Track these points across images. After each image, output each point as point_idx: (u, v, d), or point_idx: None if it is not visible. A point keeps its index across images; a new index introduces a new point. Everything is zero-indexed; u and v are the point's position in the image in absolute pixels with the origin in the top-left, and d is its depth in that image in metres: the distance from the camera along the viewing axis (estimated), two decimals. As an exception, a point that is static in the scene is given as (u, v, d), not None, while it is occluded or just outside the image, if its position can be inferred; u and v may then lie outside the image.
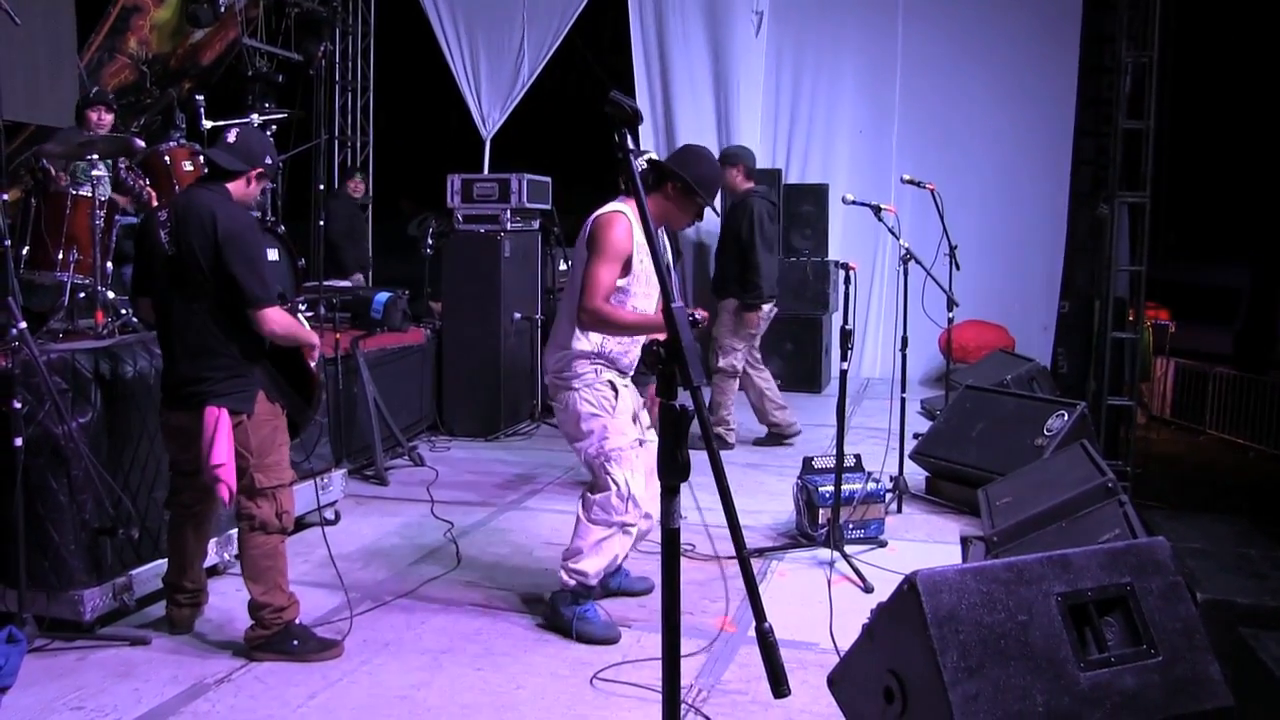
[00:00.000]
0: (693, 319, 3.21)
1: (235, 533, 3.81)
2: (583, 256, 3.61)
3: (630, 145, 1.91)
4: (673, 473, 1.85)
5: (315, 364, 3.61)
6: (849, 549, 4.43)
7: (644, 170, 3.67)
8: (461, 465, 6.29)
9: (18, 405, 3.35)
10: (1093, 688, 2.23)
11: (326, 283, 6.35)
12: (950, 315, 5.68)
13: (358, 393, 5.81)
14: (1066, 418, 5.14)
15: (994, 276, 9.11)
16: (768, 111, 9.84)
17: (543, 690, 3.25)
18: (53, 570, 3.52)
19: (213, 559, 3.99)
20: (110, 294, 4.44)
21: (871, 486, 4.71)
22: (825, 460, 4.76)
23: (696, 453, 1.82)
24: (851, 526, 4.61)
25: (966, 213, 8.16)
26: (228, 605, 3.82)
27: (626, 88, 9.68)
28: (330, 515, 5.00)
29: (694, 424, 1.85)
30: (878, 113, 9.73)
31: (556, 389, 3.71)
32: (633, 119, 1.90)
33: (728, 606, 3.93)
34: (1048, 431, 5.13)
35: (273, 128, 5.58)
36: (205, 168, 3.50)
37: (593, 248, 3.56)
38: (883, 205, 5.31)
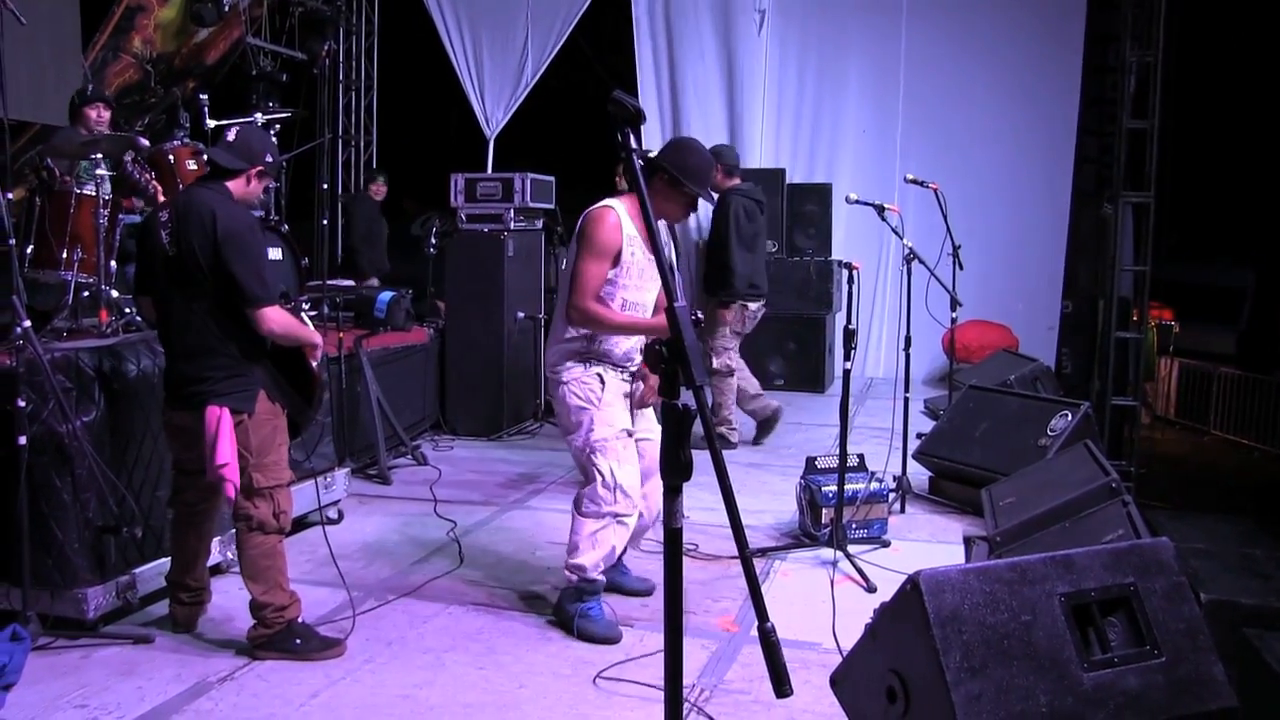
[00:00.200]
0: (696, 318, 3.21)
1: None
2: (575, 252, 3.65)
3: (633, 144, 1.92)
4: (675, 472, 1.85)
5: (318, 364, 3.61)
6: (852, 549, 4.42)
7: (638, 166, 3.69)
8: (464, 464, 6.29)
9: (22, 404, 3.36)
10: (1096, 688, 2.23)
11: (330, 281, 6.35)
12: (954, 315, 5.67)
13: (361, 392, 5.81)
14: (1070, 418, 5.13)
15: (997, 276, 9.10)
16: (771, 111, 9.84)
17: (545, 689, 3.25)
18: (57, 568, 3.53)
19: (216, 557, 4.00)
20: (114, 293, 4.45)
21: (875, 486, 4.71)
22: (828, 460, 4.76)
23: (699, 452, 1.82)
24: (854, 526, 4.61)
25: (970, 212, 8.13)
26: (231, 603, 3.82)
27: (629, 87, 9.68)
28: (334, 514, 5.01)
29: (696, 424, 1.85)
30: (881, 112, 9.72)
31: (552, 384, 3.76)
32: (635, 118, 1.90)
33: (731, 606, 3.94)
34: (1051, 431, 5.13)
35: (276, 127, 5.59)
36: (207, 167, 3.50)
37: (580, 244, 3.61)
38: (886, 205, 5.30)
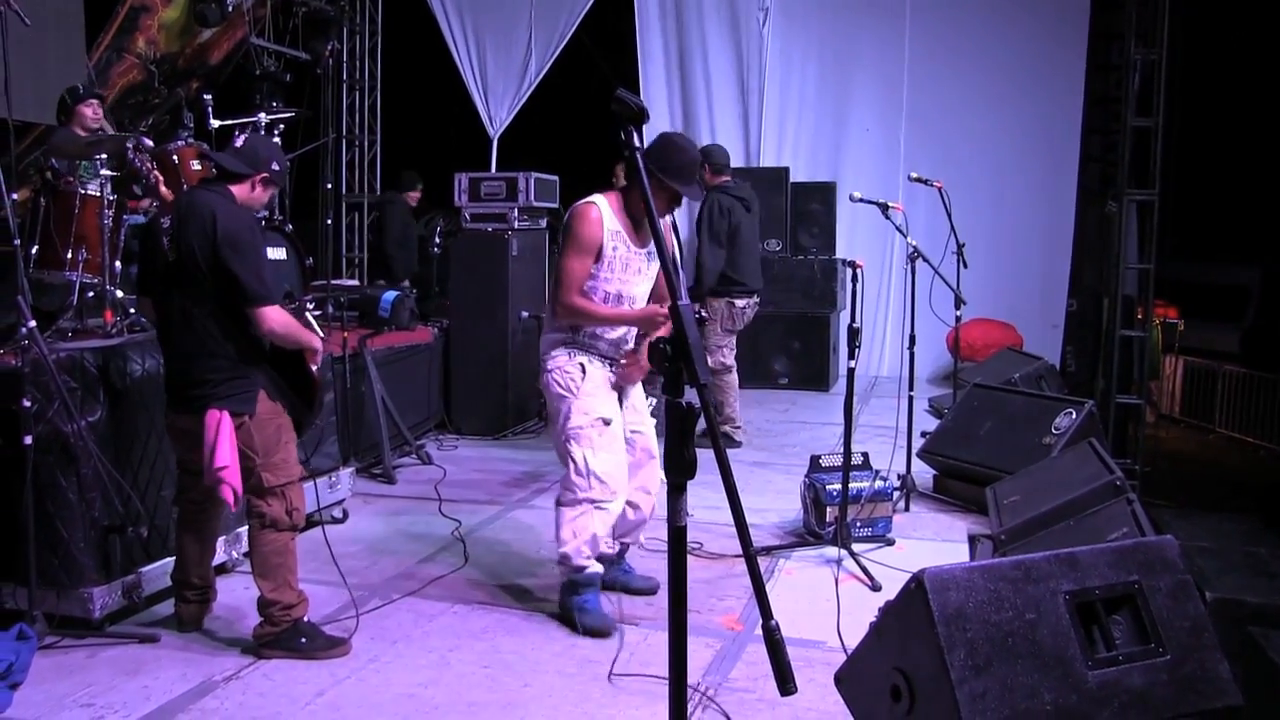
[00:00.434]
0: (700, 316, 3.22)
1: (243, 530, 3.83)
2: (560, 248, 3.74)
3: (636, 143, 1.92)
4: (679, 471, 1.84)
5: (317, 368, 3.60)
6: (856, 547, 4.42)
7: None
8: (469, 464, 6.30)
9: (27, 404, 3.37)
10: (1101, 686, 2.22)
11: (334, 281, 6.36)
12: (958, 313, 5.67)
13: (365, 391, 5.81)
14: (1074, 416, 5.12)
15: (1002, 275, 9.09)
16: (774, 109, 9.83)
17: (550, 688, 3.26)
18: (62, 568, 3.55)
19: (221, 556, 4.00)
20: (119, 293, 4.46)
21: (879, 485, 4.70)
22: (833, 458, 4.76)
23: (703, 451, 1.82)
24: (859, 525, 4.61)
25: (974, 211, 8.12)
26: (236, 602, 3.83)
27: (633, 85, 9.68)
28: (338, 513, 5.02)
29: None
30: (885, 110, 9.71)
31: (540, 374, 3.82)
32: (639, 116, 1.90)
33: (735, 604, 3.94)
34: (1056, 430, 5.12)
35: (280, 127, 5.59)
36: (213, 170, 3.52)
37: (565, 240, 3.69)
38: (890, 203, 5.29)
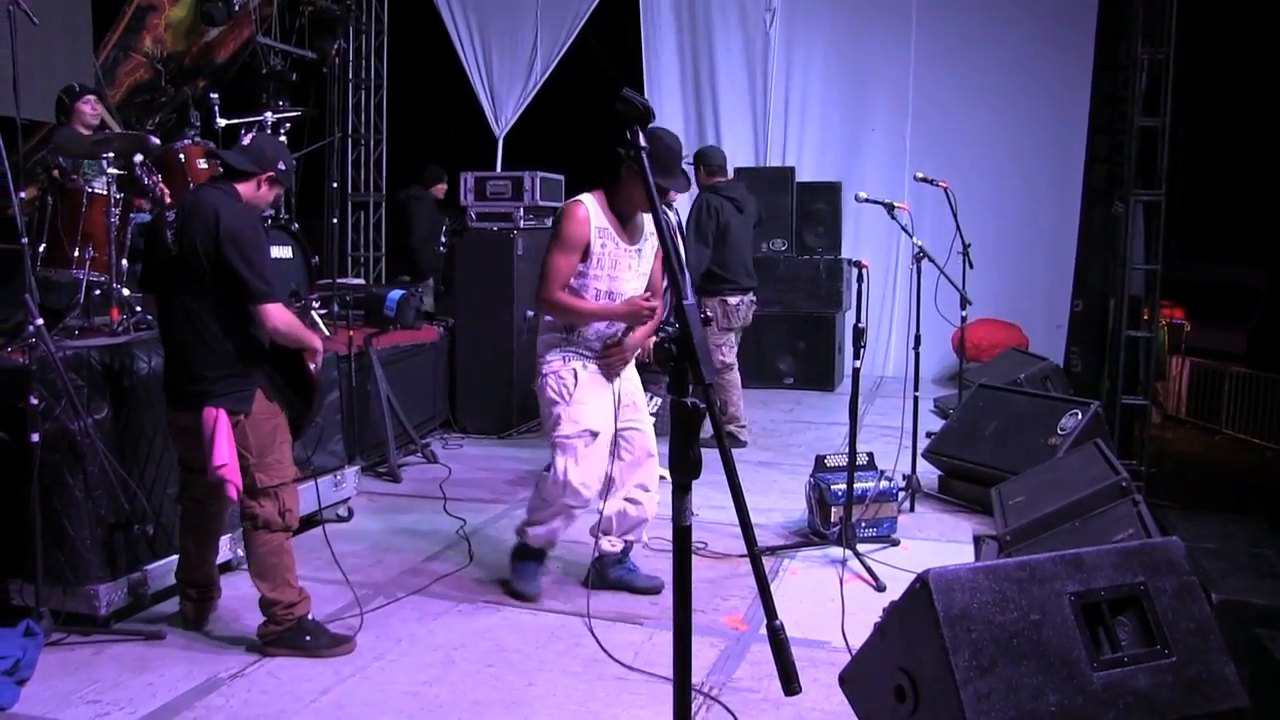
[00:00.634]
0: (705, 316, 3.21)
1: (246, 530, 3.83)
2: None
3: (641, 142, 1.91)
4: (685, 470, 1.84)
5: (316, 368, 3.60)
6: (861, 547, 4.42)
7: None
8: (474, 462, 6.30)
9: (34, 401, 3.37)
10: (1106, 687, 2.22)
11: (340, 280, 6.37)
12: (964, 314, 5.65)
13: (371, 390, 5.82)
14: (1080, 417, 5.11)
15: (1007, 275, 9.08)
16: (780, 109, 9.83)
17: (554, 687, 3.26)
18: (69, 565, 3.55)
19: (225, 554, 4.01)
20: (126, 291, 4.47)
21: (884, 485, 4.70)
22: (838, 458, 4.75)
23: (708, 450, 1.82)
24: (864, 525, 4.60)
25: (980, 211, 8.12)
26: (241, 600, 3.83)
27: (638, 85, 9.68)
28: (343, 512, 5.02)
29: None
30: (891, 110, 9.71)
31: (537, 377, 3.88)
32: (644, 116, 1.90)
33: (739, 604, 3.94)
34: (1061, 430, 5.11)
35: (286, 125, 5.61)
36: (220, 168, 3.52)
37: (551, 237, 3.75)
38: (896, 203, 5.28)
